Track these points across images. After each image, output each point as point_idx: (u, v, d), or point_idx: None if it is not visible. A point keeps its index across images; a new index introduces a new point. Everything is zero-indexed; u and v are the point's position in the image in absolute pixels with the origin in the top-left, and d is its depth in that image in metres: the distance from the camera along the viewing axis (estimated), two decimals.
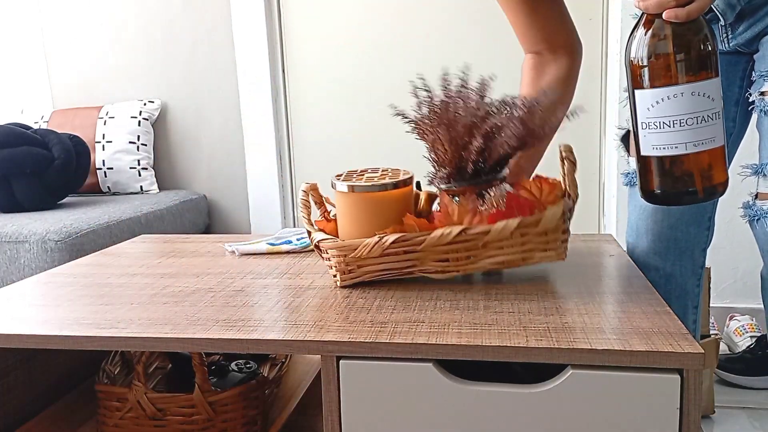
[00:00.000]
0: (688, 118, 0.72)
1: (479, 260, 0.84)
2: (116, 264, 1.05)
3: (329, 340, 0.69)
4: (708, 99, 0.72)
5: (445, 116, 0.85)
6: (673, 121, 0.73)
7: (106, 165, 2.18)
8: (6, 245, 1.64)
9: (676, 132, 0.73)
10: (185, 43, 2.27)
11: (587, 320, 0.71)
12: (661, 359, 0.62)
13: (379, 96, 2.15)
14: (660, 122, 0.73)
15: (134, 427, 0.85)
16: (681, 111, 0.72)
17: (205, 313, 0.79)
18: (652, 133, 0.75)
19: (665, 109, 0.73)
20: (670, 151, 0.74)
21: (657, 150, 0.75)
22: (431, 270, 0.86)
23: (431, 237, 0.83)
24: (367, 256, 0.84)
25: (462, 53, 2.06)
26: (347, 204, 0.88)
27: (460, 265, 0.85)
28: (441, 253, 0.85)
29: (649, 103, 0.74)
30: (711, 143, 0.73)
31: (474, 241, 0.83)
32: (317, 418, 0.98)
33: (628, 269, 0.91)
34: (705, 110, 0.72)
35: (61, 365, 1.03)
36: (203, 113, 2.29)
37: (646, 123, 0.75)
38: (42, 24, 2.37)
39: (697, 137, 0.73)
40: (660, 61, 0.73)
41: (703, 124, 0.72)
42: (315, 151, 2.26)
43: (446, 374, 0.68)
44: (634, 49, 0.75)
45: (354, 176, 0.91)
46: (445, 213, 0.86)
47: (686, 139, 0.73)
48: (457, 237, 0.82)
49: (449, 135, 0.85)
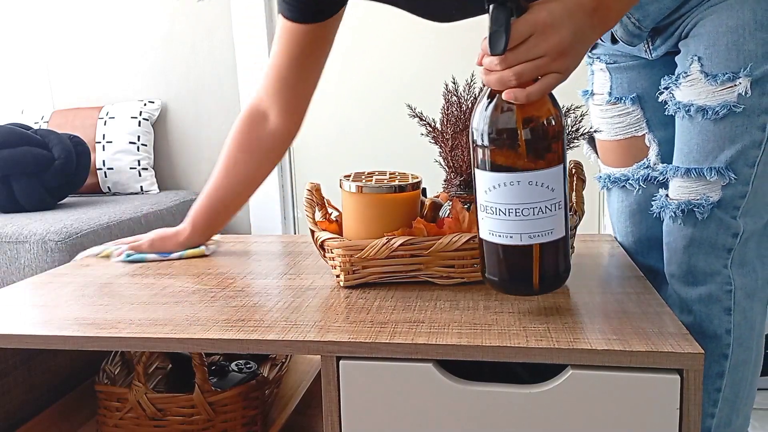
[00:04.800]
0: (524, 209, 0.67)
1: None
2: (116, 264, 1.05)
3: (329, 340, 0.69)
4: (547, 189, 0.66)
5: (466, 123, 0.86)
6: (509, 210, 0.67)
7: (106, 165, 2.18)
8: (6, 245, 1.64)
9: (512, 222, 0.67)
10: (185, 43, 2.27)
11: (587, 320, 0.71)
12: (661, 359, 0.62)
13: (379, 97, 2.15)
14: (496, 208, 0.68)
15: (134, 428, 0.85)
16: (517, 200, 0.67)
17: (205, 313, 0.79)
18: (489, 217, 0.69)
19: (502, 196, 0.67)
20: (505, 240, 0.68)
21: (493, 236, 0.69)
22: (436, 275, 0.86)
23: (439, 242, 0.83)
24: (374, 257, 0.84)
25: (468, 56, 2.06)
26: (355, 204, 0.88)
27: (465, 272, 0.85)
28: (447, 259, 0.84)
29: (487, 186, 0.68)
30: (548, 236, 0.68)
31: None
32: (317, 418, 0.98)
33: (628, 269, 0.91)
34: (543, 201, 0.67)
35: (61, 365, 1.03)
36: (203, 113, 2.29)
37: (484, 206, 0.69)
38: (43, 25, 2.37)
39: (534, 229, 0.67)
40: (498, 142, 0.66)
41: (540, 216, 0.67)
42: (315, 151, 2.26)
43: (446, 374, 0.68)
44: (474, 123, 0.68)
45: (363, 178, 0.91)
46: (455, 219, 0.86)
47: (521, 230, 0.67)
48: (465, 244, 0.82)
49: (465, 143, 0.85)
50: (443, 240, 0.83)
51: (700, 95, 0.83)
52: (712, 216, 0.84)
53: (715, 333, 0.86)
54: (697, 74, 0.83)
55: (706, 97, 0.82)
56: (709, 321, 0.86)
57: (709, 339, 0.86)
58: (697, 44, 0.84)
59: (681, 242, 0.86)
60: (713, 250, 0.84)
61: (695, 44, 0.84)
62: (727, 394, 0.88)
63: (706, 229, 0.84)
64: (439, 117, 0.92)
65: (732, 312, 0.85)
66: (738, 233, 0.84)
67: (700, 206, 0.83)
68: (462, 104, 0.91)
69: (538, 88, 0.64)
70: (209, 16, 2.23)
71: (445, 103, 0.92)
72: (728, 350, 0.86)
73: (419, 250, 0.84)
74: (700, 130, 0.83)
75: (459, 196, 0.91)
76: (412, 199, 0.88)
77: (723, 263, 0.85)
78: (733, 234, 0.84)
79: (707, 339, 0.86)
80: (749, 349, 0.87)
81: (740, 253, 0.85)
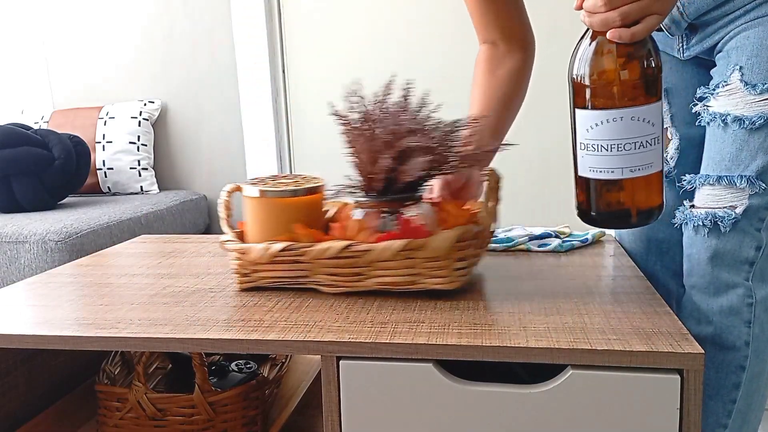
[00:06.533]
0: (626, 144, 0.70)
1: (367, 279, 0.82)
2: (116, 264, 1.05)
3: (329, 340, 0.69)
4: (647, 124, 0.70)
5: (368, 127, 0.83)
6: (611, 145, 0.70)
7: (106, 165, 2.18)
8: (6, 245, 1.64)
9: (613, 156, 0.71)
10: (185, 43, 2.27)
11: (587, 320, 0.71)
12: (661, 359, 0.62)
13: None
14: (597, 145, 0.71)
15: (134, 428, 0.85)
16: (619, 135, 0.70)
17: (205, 313, 0.79)
18: (589, 155, 0.72)
19: (603, 133, 0.70)
20: (605, 174, 0.72)
21: (593, 172, 0.73)
22: (322, 282, 0.84)
23: (316, 249, 0.81)
24: (257, 261, 0.85)
25: (465, 52, 2.06)
26: (253, 208, 0.88)
27: (349, 281, 0.83)
28: (330, 266, 0.83)
29: (588, 125, 0.71)
30: (648, 169, 0.71)
31: (359, 258, 0.81)
32: (317, 418, 0.98)
33: (628, 269, 0.91)
34: (644, 136, 0.70)
35: (61, 365, 1.03)
36: (203, 113, 2.29)
37: (585, 144, 0.72)
38: (42, 24, 2.37)
39: (634, 163, 0.70)
40: (601, 81, 0.70)
41: (641, 150, 0.70)
42: (315, 151, 2.26)
43: (446, 374, 0.68)
44: (576, 65, 0.72)
45: (267, 181, 0.91)
46: (341, 226, 0.85)
47: (622, 165, 0.71)
48: (342, 252, 0.81)
49: (368, 147, 0.83)
50: (320, 247, 0.81)
51: (737, 105, 0.84)
52: (736, 228, 0.84)
53: (734, 344, 0.86)
54: (737, 83, 0.84)
55: (744, 107, 0.83)
56: (729, 332, 0.85)
57: (728, 350, 0.86)
58: (740, 54, 0.85)
59: (705, 254, 0.86)
60: (736, 263, 0.85)
61: (737, 54, 0.85)
62: (740, 405, 0.87)
63: (730, 241, 0.85)
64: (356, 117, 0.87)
65: (752, 324, 0.85)
66: (761, 246, 0.84)
67: (725, 218, 0.84)
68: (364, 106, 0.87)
69: (643, 27, 0.68)
70: (209, 16, 2.23)
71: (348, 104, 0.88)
72: (746, 362, 0.86)
73: (298, 257, 0.83)
74: (734, 139, 0.84)
75: (360, 202, 0.87)
76: (310, 204, 0.87)
77: (745, 276, 0.85)
78: (756, 247, 0.84)
79: (726, 350, 0.86)
80: (764, 362, 0.87)
81: (761, 267, 0.85)
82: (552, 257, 0.99)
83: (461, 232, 0.80)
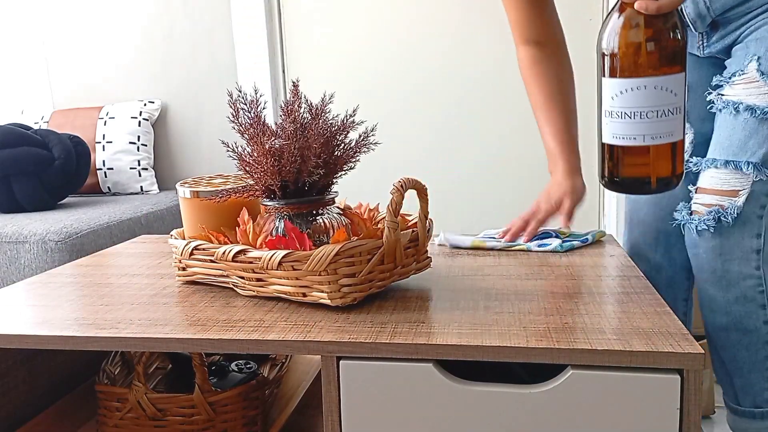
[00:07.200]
0: (649, 111, 0.73)
1: (269, 285, 0.82)
2: (116, 264, 1.05)
3: (329, 340, 0.69)
4: (670, 93, 0.73)
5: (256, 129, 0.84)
6: (634, 113, 0.74)
7: (106, 165, 2.18)
8: (6, 245, 1.64)
9: (636, 124, 0.74)
10: (185, 43, 2.27)
11: (587, 320, 0.71)
12: (661, 359, 0.62)
13: (380, 97, 2.15)
14: (622, 112, 0.75)
15: (134, 428, 0.85)
16: (642, 104, 0.73)
17: (205, 313, 0.79)
18: (613, 122, 0.76)
19: (627, 101, 0.74)
20: (628, 141, 0.75)
21: (616, 139, 0.76)
22: (238, 284, 0.85)
23: (219, 251, 0.83)
24: (182, 258, 0.89)
25: (465, 52, 2.06)
26: (186, 208, 0.93)
27: (254, 286, 0.83)
28: (237, 269, 0.83)
29: (614, 92, 0.75)
30: (669, 137, 0.74)
31: (254, 264, 0.81)
32: (317, 418, 0.98)
33: (628, 269, 0.91)
34: (666, 104, 0.73)
35: (61, 365, 1.03)
36: (203, 113, 2.29)
37: (609, 111, 0.76)
38: (42, 24, 2.37)
39: (656, 131, 0.74)
40: (626, 51, 0.74)
41: (663, 119, 0.73)
42: None
43: (446, 374, 0.68)
44: (605, 36, 0.76)
45: (203, 181, 0.95)
46: (242, 230, 0.86)
47: (645, 132, 0.74)
48: (237, 257, 0.81)
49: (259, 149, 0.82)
50: (221, 249, 0.83)
51: (751, 94, 0.87)
52: (736, 222, 0.87)
53: (755, 326, 0.91)
54: (753, 72, 0.87)
55: (757, 97, 0.86)
56: (748, 318, 0.91)
57: (751, 332, 0.91)
58: (759, 45, 0.88)
59: (711, 253, 0.90)
60: (744, 254, 0.88)
61: (756, 45, 0.88)
62: None
63: (734, 234, 0.88)
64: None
65: (766, 306, 0.90)
66: (761, 233, 0.87)
67: (726, 213, 0.87)
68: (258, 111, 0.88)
69: (669, 1, 0.71)
70: (209, 16, 2.23)
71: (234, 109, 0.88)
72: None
73: (206, 256, 0.87)
74: (744, 126, 0.87)
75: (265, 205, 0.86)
76: (239, 205, 0.89)
77: (755, 265, 0.89)
78: (757, 234, 0.88)
79: (749, 333, 0.91)
80: None
81: (766, 251, 0.89)
82: (552, 257, 0.99)
83: (348, 247, 0.76)
